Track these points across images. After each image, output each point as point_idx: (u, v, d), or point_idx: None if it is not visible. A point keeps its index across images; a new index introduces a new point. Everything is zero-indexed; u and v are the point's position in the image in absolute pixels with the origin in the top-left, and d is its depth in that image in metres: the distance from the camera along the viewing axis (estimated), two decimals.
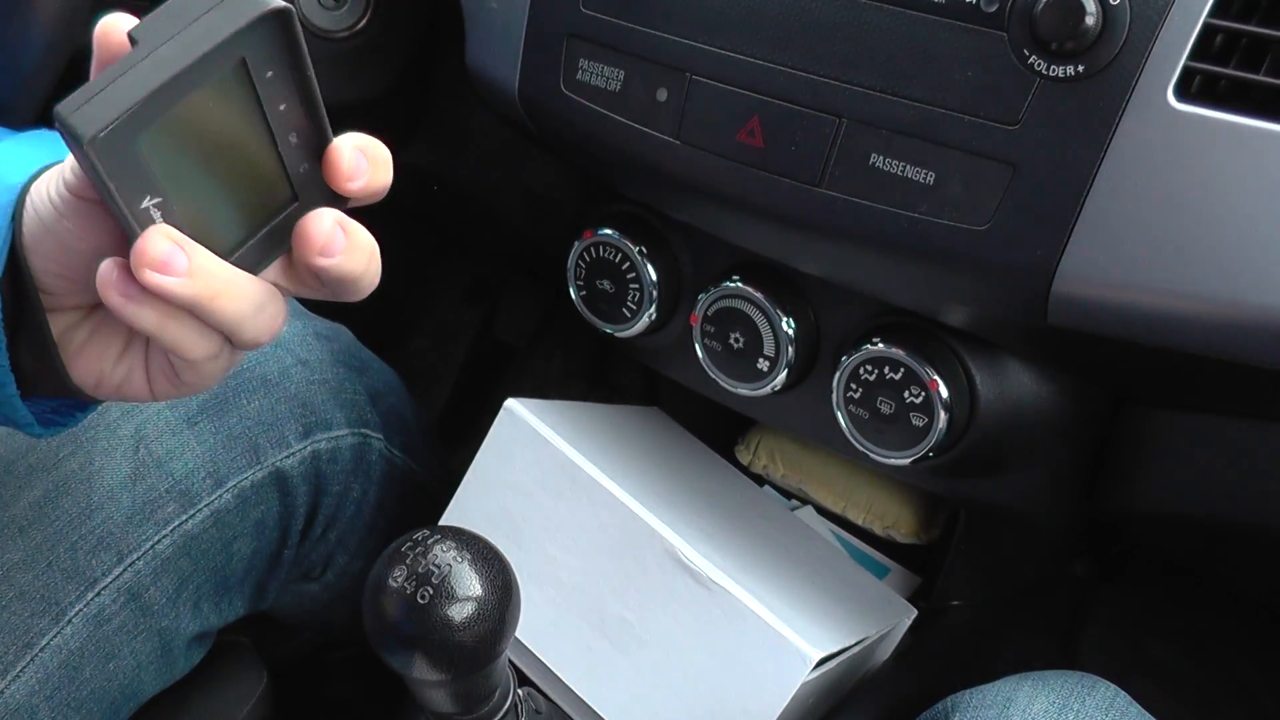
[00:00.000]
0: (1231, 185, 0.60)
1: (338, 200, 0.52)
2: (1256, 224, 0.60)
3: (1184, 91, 0.61)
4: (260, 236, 0.51)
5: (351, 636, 1.11)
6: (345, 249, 0.51)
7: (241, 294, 0.49)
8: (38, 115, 0.89)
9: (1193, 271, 0.62)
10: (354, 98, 1.06)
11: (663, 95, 0.76)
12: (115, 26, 0.46)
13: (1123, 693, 0.75)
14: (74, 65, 0.86)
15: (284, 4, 0.46)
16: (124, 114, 0.43)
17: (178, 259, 0.46)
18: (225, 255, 0.49)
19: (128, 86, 0.43)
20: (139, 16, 0.47)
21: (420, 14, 1.07)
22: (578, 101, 0.80)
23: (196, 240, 0.47)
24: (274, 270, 0.53)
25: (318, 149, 0.51)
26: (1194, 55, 0.60)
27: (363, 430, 0.92)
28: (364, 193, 0.52)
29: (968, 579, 1.05)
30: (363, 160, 0.51)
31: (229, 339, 0.51)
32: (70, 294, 0.53)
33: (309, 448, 0.87)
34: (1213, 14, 0.60)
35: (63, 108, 0.43)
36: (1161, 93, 0.61)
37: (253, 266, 0.51)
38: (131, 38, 0.45)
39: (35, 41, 0.84)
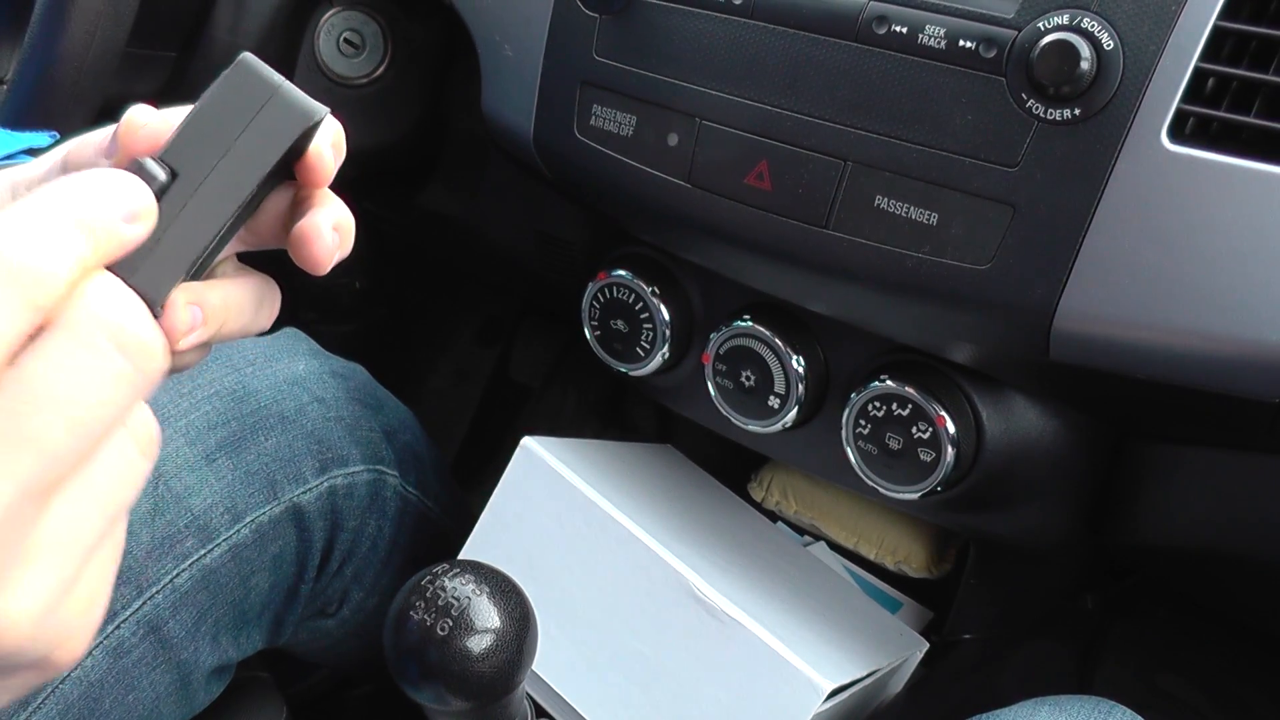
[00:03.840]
0: (1224, 224, 0.61)
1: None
2: (1249, 261, 0.61)
3: (1177, 133, 0.62)
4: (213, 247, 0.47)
5: (367, 673, 1.12)
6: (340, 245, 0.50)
7: (241, 309, 0.48)
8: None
9: (1188, 308, 0.63)
10: (372, 143, 1.08)
11: (673, 140, 0.78)
12: (144, 132, 0.43)
13: (1139, 718, 0.76)
14: (103, 118, 0.88)
15: (324, 110, 0.43)
16: (186, 272, 0.41)
17: (198, 321, 0.44)
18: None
19: (183, 240, 0.40)
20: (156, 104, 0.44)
21: (437, 61, 1.09)
22: (591, 146, 0.82)
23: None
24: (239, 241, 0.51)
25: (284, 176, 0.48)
26: (1186, 98, 0.62)
27: (378, 467, 0.93)
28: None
29: (979, 613, 1.06)
30: (336, 239, 0.47)
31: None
32: None
33: (325, 484, 0.88)
34: (1203, 58, 0.62)
35: (121, 268, 0.38)
36: (1155, 135, 0.62)
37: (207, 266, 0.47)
38: (169, 166, 0.40)
39: (61, 87, 0.86)
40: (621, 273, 0.91)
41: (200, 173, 0.41)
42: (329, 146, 0.48)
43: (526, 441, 0.89)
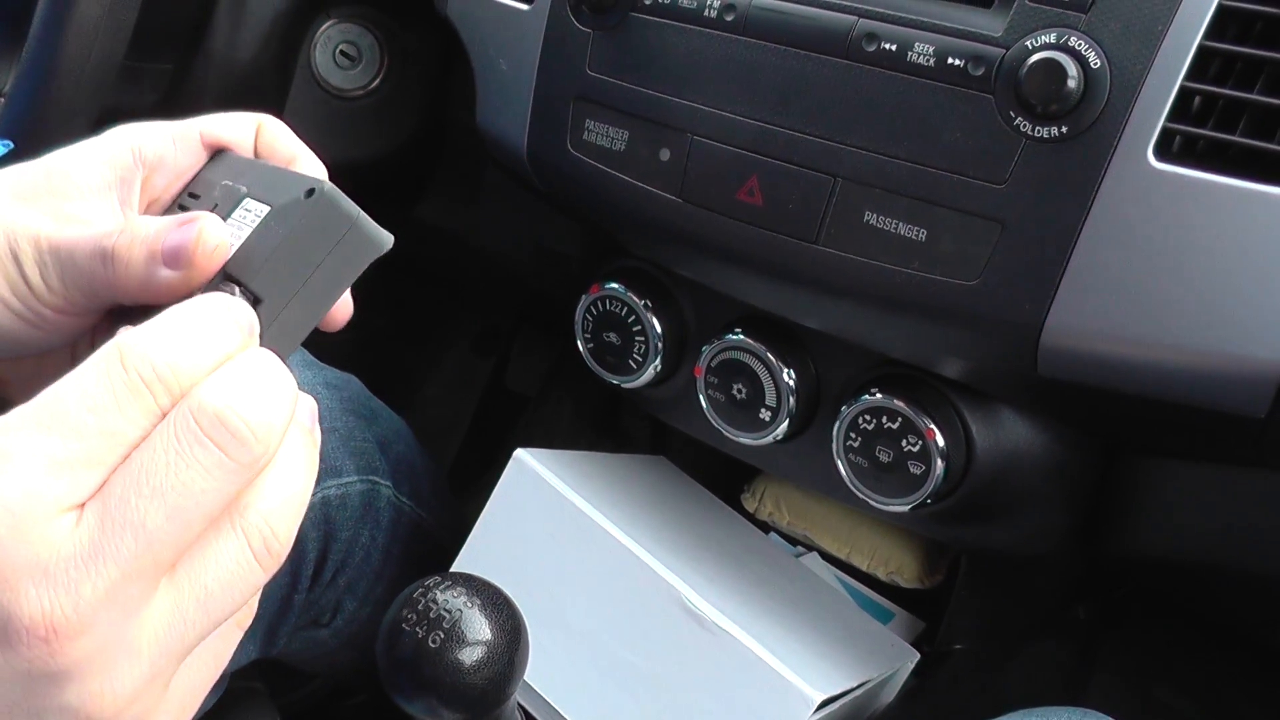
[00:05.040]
0: (1210, 241, 0.62)
1: None
2: (1234, 278, 0.62)
3: (1164, 151, 0.63)
4: None
5: (361, 683, 1.13)
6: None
7: None
8: None
9: (1174, 324, 0.64)
10: (368, 155, 1.09)
11: (665, 155, 0.79)
12: (219, 253, 0.43)
13: None
14: (98, 128, 0.89)
15: (391, 236, 0.45)
16: None
17: None
18: None
19: None
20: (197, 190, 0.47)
21: (432, 74, 1.09)
22: (584, 161, 0.83)
23: None
24: None
25: None
26: (1172, 117, 0.62)
27: (371, 477, 0.94)
28: None
29: (971, 623, 1.06)
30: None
31: None
32: None
33: (319, 494, 0.88)
34: (1189, 77, 0.62)
35: None
36: (1142, 153, 0.63)
37: None
38: (253, 293, 0.42)
39: (59, 100, 0.86)
40: (614, 286, 0.92)
41: (281, 300, 0.42)
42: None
43: (519, 454, 0.89)
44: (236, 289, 0.42)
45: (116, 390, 0.36)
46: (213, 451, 0.36)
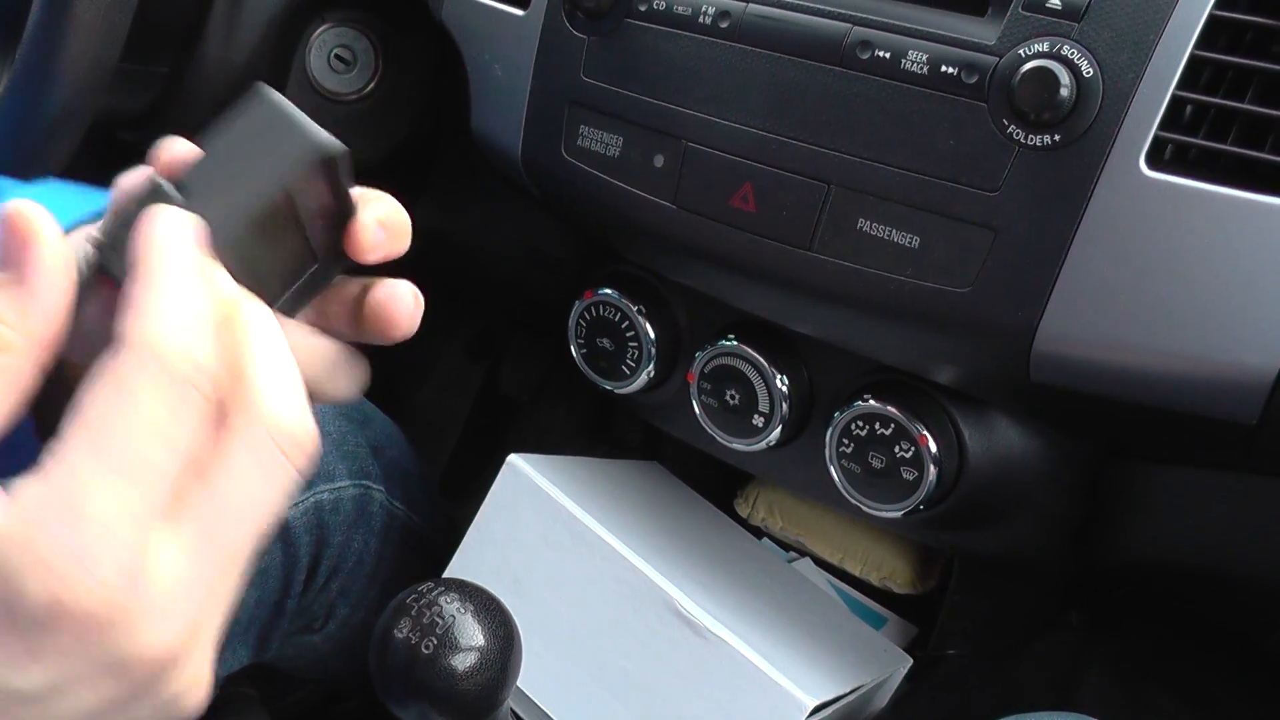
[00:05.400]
0: (1201, 249, 0.62)
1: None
2: (1225, 286, 0.62)
3: (1155, 160, 0.63)
4: (290, 293, 0.51)
5: (354, 687, 1.13)
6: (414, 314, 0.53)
7: (311, 360, 0.51)
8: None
9: (1166, 331, 0.64)
10: (362, 158, 1.08)
11: (660, 161, 0.79)
12: (175, 155, 0.45)
13: None
14: (92, 131, 0.89)
15: (340, 146, 0.44)
16: None
17: None
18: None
19: None
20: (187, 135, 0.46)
21: (427, 78, 1.09)
22: (578, 166, 0.83)
23: None
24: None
25: (341, 223, 0.50)
26: (1164, 125, 0.63)
27: (364, 482, 0.94)
28: (382, 260, 0.52)
29: (963, 628, 1.06)
30: (381, 233, 0.50)
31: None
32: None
33: (311, 498, 0.88)
34: (1181, 86, 0.62)
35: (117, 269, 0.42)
36: (1134, 161, 0.63)
37: (290, 313, 0.51)
38: (182, 186, 0.43)
39: (53, 103, 0.86)
40: (608, 291, 0.92)
41: (207, 196, 0.43)
42: (374, 220, 0.49)
43: (512, 459, 0.89)
44: (163, 184, 0.42)
45: (170, 403, 0.36)
46: (292, 471, 0.39)
